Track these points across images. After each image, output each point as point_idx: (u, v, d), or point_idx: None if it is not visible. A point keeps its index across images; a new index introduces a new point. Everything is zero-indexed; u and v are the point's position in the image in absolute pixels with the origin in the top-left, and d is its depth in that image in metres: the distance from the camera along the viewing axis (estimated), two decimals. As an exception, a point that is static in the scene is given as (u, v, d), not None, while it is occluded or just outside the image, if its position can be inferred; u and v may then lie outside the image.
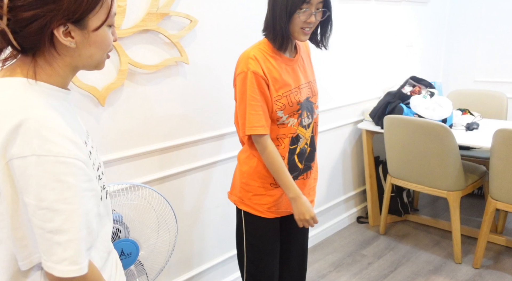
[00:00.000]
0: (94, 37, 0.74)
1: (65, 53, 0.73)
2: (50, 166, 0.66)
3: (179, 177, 1.80)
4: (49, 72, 0.74)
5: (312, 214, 1.38)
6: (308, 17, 1.28)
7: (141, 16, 1.53)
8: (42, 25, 0.68)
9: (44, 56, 0.73)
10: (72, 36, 0.71)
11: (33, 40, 0.69)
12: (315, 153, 1.51)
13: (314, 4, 1.27)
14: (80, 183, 0.69)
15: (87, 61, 0.76)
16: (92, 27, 0.73)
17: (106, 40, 0.76)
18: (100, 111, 1.50)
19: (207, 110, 1.83)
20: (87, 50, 0.74)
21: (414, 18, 3.10)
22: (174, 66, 1.68)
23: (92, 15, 0.72)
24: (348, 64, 2.61)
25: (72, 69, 0.77)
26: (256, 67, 1.30)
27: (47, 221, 0.66)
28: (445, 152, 2.23)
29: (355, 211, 2.94)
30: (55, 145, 0.66)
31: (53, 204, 0.66)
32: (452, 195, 2.33)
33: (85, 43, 0.73)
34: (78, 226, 0.68)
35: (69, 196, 0.67)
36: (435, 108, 2.43)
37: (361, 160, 2.91)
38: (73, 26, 0.71)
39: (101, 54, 0.77)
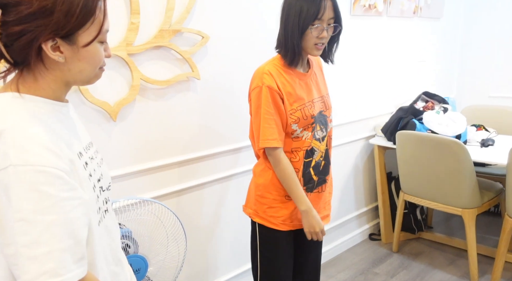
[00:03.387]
0: (84, 52, 0.73)
1: (54, 68, 0.73)
2: (27, 175, 0.64)
3: (191, 191, 1.80)
4: (38, 85, 0.74)
5: (322, 226, 1.41)
6: (320, 32, 1.31)
7: (153, 32, 1.55)
8: (31, 39, 0.68)
9: (33, 70, 0.73)
10: (61, 51, 0.71)
11: (23, 54, 0.70)
12: (330, 166, 1.52)
13: (326, 20, 1.30)
14: (59, 192, 0.66)
15: (78, 76, 0.76)
16: (82, 43, 0.72)
17: (96, 56, 0.76)
18: (111, 126, 1.51)
19: (218, 125, 1.84)
20: (77, 66, 0.74)
21: (426, 34, 3.08)
22: (186, 82, 1.70)
23: (82, 31, 0.72)
24: (360, 79, 2.60)
25: (63, 84, 0.77)
26: (271, 82, 1.34)
27: (22, 234, 0.63)
28: (459, 168, 2.19)
29: (367, 227, 2.89)
30: (33, 154, 0.65)
31: (29, 215, 0.63)
32: (467, 212, 2.27)
33: (74, 58, 0.73)
34: (59, 236, 0.64)
35: (46, 206, 0.64)
36: (449, 124, 2.40)
37: (373, 176, 2.86)
38: (62, 41, 0.70)
39: (91, 69, 0.77)
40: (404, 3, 2.74)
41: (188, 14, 1.62)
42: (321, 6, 1.28)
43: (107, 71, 1.46)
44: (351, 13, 2.39)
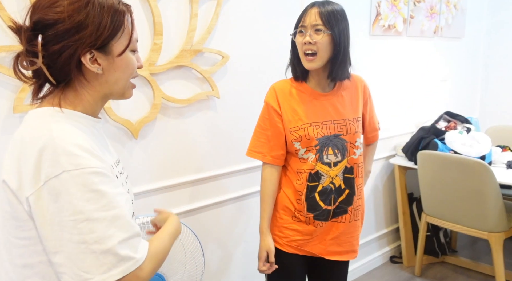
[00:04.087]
0: (119, 62, 0.78)
1: (93, 80, 0.78)
2: (81, 178, 0.67)
3: (208, 210, 1.79)
4: (78, 100, 0.78)
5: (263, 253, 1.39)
6: (304, 38, 1.29)
7: (175, 52, 1.59)
8: (71, 54, 0.73)
9: (74, 86, 0.77)
10: (98, 63, 0.76)
11: (65, 71, 0.74)
12: (355, 197, 1.41)
13: (309, 25, 1.28)
14: (112, 189, 0.71)
15: (114, 88, 0.80)
16: (116, 53, 0.77)
17: (130, 64, 0.80)
18: (133, 144, 1.54)
19: (237, 142, 1.84)
20: (113, 76, 0.79)
21: (447, 53, 3.05)
22: (205, 100, 1.72)
23: (115, 41, 0.76)
24: (380, 99, 2.58)
25: (101, 97, 0.81)
26: (271, 98, 1.38)
27: (89, 233, 0.67)
28: (484, 190, 2.12)
29: (388, 250, 2.81)
30: (82, 158, 0.69)
31: (92, 214, 0.67)
32: (494, 236, 2.18)
33: (110, 68, 0.78)
34: (123, 227, 0.70)
35: (105, 203, 0.69)
36: (473, 144, 2.34)
37: (394, 196, 2.80)
38: (99, 53, 0.75)
39: (126, 78, 0.81)
40: (424, 23, 2.74)
41: (209, 35, 1.66)
42: (304, 13, 1.30)
43: (130, 90, 1.50)
44: (370, 33, 2.40)
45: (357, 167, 1.40)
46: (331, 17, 1.27)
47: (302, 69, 1.36)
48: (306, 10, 1.31)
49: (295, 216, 1.39)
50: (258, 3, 1.83)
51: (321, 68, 1.34)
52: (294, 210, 1.39)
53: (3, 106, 1.23)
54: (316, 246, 1.43)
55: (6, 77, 1.22)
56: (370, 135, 1.57)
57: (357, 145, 1.40)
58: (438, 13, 2.84)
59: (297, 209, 1.38)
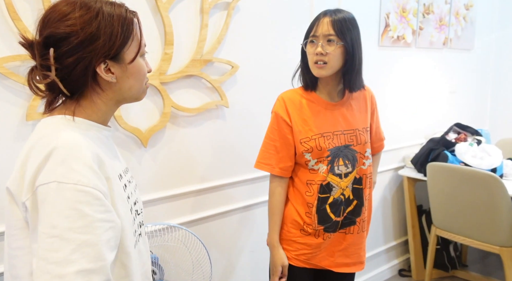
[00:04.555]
0: (131, 69, 0.80)
1: (108, 89, 0.79)
2: (68, 193, 0.66)
3: (214, 219, 1.79)
4: (92, 109, 0.79)
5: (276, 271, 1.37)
6: (315, 48, 1.27)
7: (185, 62, 1.60)
8: (86, 66, 0.74)
9: (88, 95, 0.78)
10: (112, 72, 0.77)
11: (80, 82, 0.75)
12: (363, 208, 1.40)
13: (321, 35, 1.26)
14: (95, 213, 0.67)
15: (128, 94, 0.81)
16: (128, 60, 0.79)
17: (142, 70, 0.82)
18: (142, 152, 1.54)
19: (245, 152, 1.84)
20: (127, 83, 0.80)
21: (457, 65, 3.04)
22: (215, 110, 1.73)
23: (126, 49, 0.78)
24: (389, 110, 2.57)
25: (114, 104, 0.82)
26: (280, 109, 1.35)
27: (53, 251, 0.63)
28: (496, 203, 2.09)
29: (396, 263, 2.76)
30: (77, 173, 0.67)
31: (64, 232, 0.64)
32: (506, 251, 2.14)
33: (124, 76, 0.79)
34: (89, 257, 0.65)
35: (81, 225, 0.65)
36: (483, 156, 2.31)
37: (402, 208, 2.77)
38: (112, 62, 0.77)
39: (139, 84, 0.82)
40: (433, 35, 2.74)
41: (218, 45, 1.67)
42: (316, 22, 1.28)
43: (140, 98, 1.51)
44: (379, 44, 2.40)
45: (366, 177, 1.40)
46: (343, 26, 1.25)
47: (311, 78, 1.35)
48: (318, 18, 1.29)
49: (304, 230, 1.37)
50: (268, 14, 1.84)
51: (331, 77, 1.33)
52: (303, 223, 1.37)
53: (16, 114, 1.25)
54: (324, 259, 1.41)
55: (19, 86, 1.24)
56: (376, 145, 1.56)
57: (366, 155, 1.39)
58: (447, 25, 2.84)
59: (306, 222, 1.37)
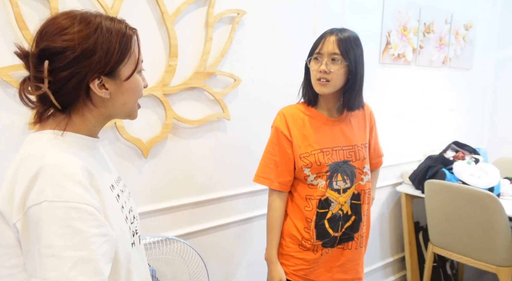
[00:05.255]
0: (127, 85, 0.78)
1: (100, 104, 0.78)
2: (60, 211, 0.65)
3: (213, 232, 1.78)
4: (82, 124, 0.78)
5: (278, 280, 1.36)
6: (319, 65, 1.28)
7: (189, 74, 1.61)
8: (79, 81, 0.73)
9: (79, 110, 0.77)
10: (106, 88, 0.76)
11: (72, 96, 0.74)
12: (361, 224, 1.40)
13: (326, 54, 1.27)
14: (90, 228, 0.67)
15: (121, 110, 0.80)
16: (124, 77, 0.77)
17: (138, 86, 0.81)
18: (142, 163, 1.54)
19: (244, 165, 1.84)
20: (121, 99, 0.79)
21: (456, 84, 3.08)
22: (216, 122, 1.74)
23: (123, 66, 0.77)
24: (388, 126, 2.59)
25: (104, 119, 0.81)
26: (280, 124, 1.36)
27: (51, 270, 0.63)
28: (493, 222, 2.09)
29: (393, 279, 2.75)
30: (67, 190, 0.67)
31: (60, 251, 0.64)
32: (502, 271, 2.13)
33: (118, 92, 0.78)
34: (87, 272, 0.65)
35: (77, 242, 0.65)
36: (481, 175, 2.32)
37: (400, 225, 2.76)
38: (107, 78, 0.75)
39: (133, 100, 0.82)
40: (433, 53, 2.77)
41: (222, 58, 1.69)
42: (321, 40, 1.29)
43: (143, 109, 1.52)
44: (380, 61, 2.43)
45: (364, 193, 1.40)
46: (348, 46, 1.26)
47: (313, 94, 1.36)
48: (324, 36, 1.29)
49: (302, 245, 1.37)
50: (272, 29, 1.87)
51: (332, 94, 1.34)
52: (302, 238, 1.37)
53: (19, 122, 1.25)
54: (322, 274, 1.40)
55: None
56: (375, 161, 1.56)
57: (365, 171, 1.40)
58: (447, 44, 2.88)
59: (305, 237, 1.36)
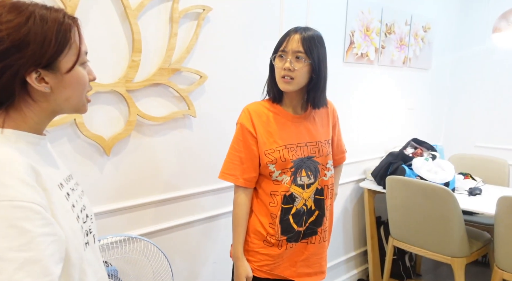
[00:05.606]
0: (68, 78, 0.74)
1: (41, 99, 0.73)
2: (4, 211, 0.62)
3: (179, 229, 1.76)
4: (22, 120, 0.74)
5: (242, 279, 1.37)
6: (283, 63, 1.30)
7: (153, 70, 1.58)
8: (13, 75, 0.68)
9: (18, 105, 0.73)
10: (46, 81, 0.72)
11: (8, 91, 0.70)
12: (324, 218, 1.44)
13: (290, 51, 1.29)
14: (36, 228, 0.64)
15: (65, 105, 0.76)
16: (64, 69, 0.73)
17: (81, 79, 0.76)
18: (104, 160, 1.50)
19: (211, 163, 1.84)
20: (63, 93, 0.74)
21: (415, 83, 3.20)
22: (182, 119, 1.72)
23: (62, 58, 0.72)
24: (351, 124, 2.66)
25: (48, 115, 0.77)
26: (245, 120, 1.37)
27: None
28: (448, 216, 2.20)
29: (355, 273, 2.84)
30: (11, 189, 0.63)
31: (4, 253, 0.60)
32: (456, 261, 2.25)
33: (60, 86, 0.73)
34: (34, 274, 0.62)
35: (22, 243, 0.62)
36: (437, 171, 2.44)
37: (363, 219, 2.85)
38: (45, 71, 0.71)
39: (78, 95, 0.77)
40: (394, 54, 2.87)
41: (187, 54, 1.67)
42: (286, 38, 1.30)
43: (104, 105, 1.48)
44: (344, 60, 2.49)
45: (327, 188, 1.44)
46: (312, 45, 1.29)
47: (278, 91, 1.38)
48: (288, 34, 1.31)
49: (267, 240, 1.38)
50: (238, 26, 1.86)
51: (296, 92, 1.37)
52: (266, 234, 1.38)
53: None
54: (286, 269, 1.43)
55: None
56: (338, 157, 1.60)
57: (328, 167, 1.43)
58: (407, 45, 2.99)
59: (269, 233, 1.38)
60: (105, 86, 1.45)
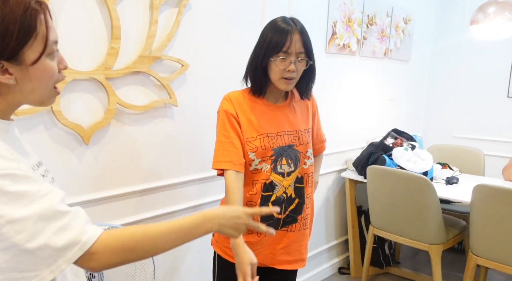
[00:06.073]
0: (33, 71, 0.70)
1: (6, 91, 0.71)
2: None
3: (161, 219, 1.75)
4: None
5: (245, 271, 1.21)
6: (287, 65, 1.28)
7: (133, 58, 1.55)
8: None
9: None
10: (9, 73, 0.69)
11: None
12: (304, 206, 1.45)
13: (293, 53, 1.28)
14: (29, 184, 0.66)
15: (30, 97, 0.73)
16: (29, 61, 0.69)
17: (48, 71, 0.72)
18: (83, 150, 1.47)
19: (193, 152, 1.82)
20: (28, 85, 0.71)
21: (396, 75, 3.24)
22: (163, 108, 1.69)
23: (27, 49, 0.68)
24: (333, 114, 2.67)
25: (13, 105, 0.74)
26: (228, 107, 1.36)
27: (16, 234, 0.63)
28: (426, 204, 2.25)
29: (337, 261, 2.88)
30: None
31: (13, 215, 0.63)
32: (433, 248, 2.32)
33: (25, 78, 0.70)
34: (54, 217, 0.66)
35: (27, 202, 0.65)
36: (417, 161, 2.49)
37: (344, 209, 2.90)
38: (8, 63, 0.67)
39: (43, 87, 0.73)
40: (376, 45, 2.90)
41: (168, 42, 1.64)
42: (287, 38, 1.27)
43: (83, 94, 1.44)
44: (326, 50, 2.49)
45: (307, 176, 1.45)
46: (310, 45, 1.32)
47: (263, 86, 1.36)
48: (289, 33, 1.27)
49: (248, 229, 1.38)
50: (219, 14, 1.84)
51: None
52: None
53: None
54: (266, 256, 1.44)
55: None
56: (317, 146, 1.61)
57: (308, 155, 1.44)
58: (388, 37, 3.02)
59: None
60: (83, 74, 1.41)
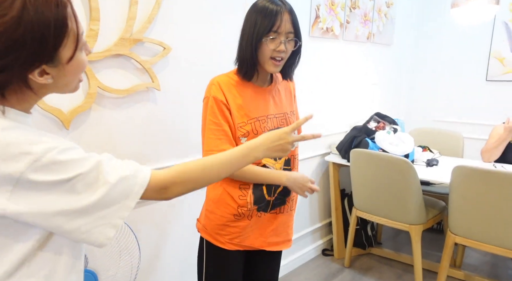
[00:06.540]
0: (69, 67, 0.72)
1: (42, 90, 0.72)
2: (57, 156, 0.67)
3: (145, 204, 1.74)
4: (18, 103, 0.72)
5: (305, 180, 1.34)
6: (277, 45, 1.26)
7: (113, 40, 1.52)
8: (11, 75, 0.66)
9: (15, 93, 0.70)
10: (47, 73, 0.69)
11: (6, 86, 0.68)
12: None
13: (283, 33, 1.27)
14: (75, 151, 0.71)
15: (63, 89, 0.76)
16: (65, 59, 0.70)
17: (81, 65, 0.74)
18: (63, 134, 1.44)
19: (176, 137, 1.81)
20: (63, 80, 0.73)
21: (379, 58, 3.27)
22: (145, 92, 1.67)
23: (62, 48, 0.69)
24: (316, 98, 2.69)
25: (42, 98, 0.77)
26: (217, 93, 1.31)
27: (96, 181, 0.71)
28: (407, 186, 2.31)
29: (321, 243, 2.94)
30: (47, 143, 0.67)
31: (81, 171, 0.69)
32: (414, 228, 2.38)
33: (60, 74, 0.71)
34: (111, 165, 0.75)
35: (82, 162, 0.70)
36: (398, 144, 2.53)
37: (328, 192, 2.94)
38: (46, 66, 0.69)
39: (77, 79, 0.77)
40: (359, 29, 2.90)
41: (150, 24, 1.61)
42: (277, 18, 1.25)
43: (62, 77, 1.41)
44: (309, 34, 2.49)
45: (294, 158, 1.46)
46: (298, 25, 1.30)
47: (252, 69, 1.33)
48: (278, 13, 1.25)
49: (237, 214, 1.39)
50: (202, -4, 1.81)
51: None
52: (237, 206, 1.38)
53: None
54: (257, 239, 1.45)
55: None
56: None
57: None
58: (371, 21, 3.03)
59: (240, 204, 1.38)
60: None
